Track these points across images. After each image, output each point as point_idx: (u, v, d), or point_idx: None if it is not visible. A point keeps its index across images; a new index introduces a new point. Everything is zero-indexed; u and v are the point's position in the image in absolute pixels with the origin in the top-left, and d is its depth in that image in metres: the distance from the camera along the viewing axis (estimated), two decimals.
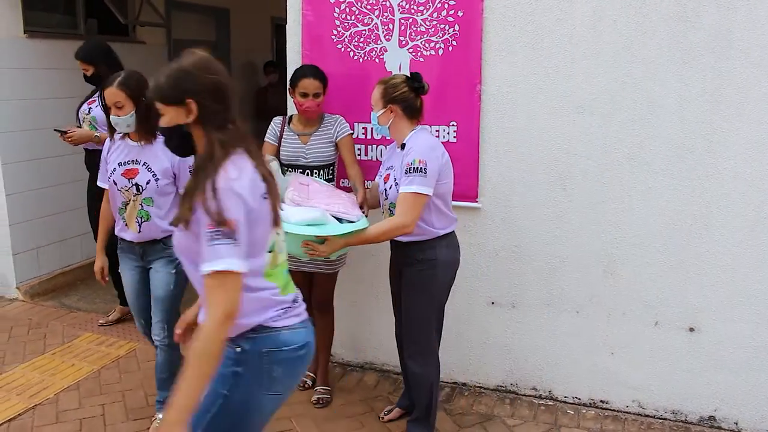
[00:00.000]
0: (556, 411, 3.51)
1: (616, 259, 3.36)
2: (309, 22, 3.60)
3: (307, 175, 3.27)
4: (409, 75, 2.91)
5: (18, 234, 4.74)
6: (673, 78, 3.14)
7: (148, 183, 2.97)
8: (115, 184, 3.02)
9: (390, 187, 2.86)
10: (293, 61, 3.66)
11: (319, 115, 3.38)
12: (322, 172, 3.35)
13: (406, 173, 2.72)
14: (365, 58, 3.52)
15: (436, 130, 3.42)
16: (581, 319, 3.47)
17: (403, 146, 2.86)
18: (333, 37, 3.56)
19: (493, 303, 3.60)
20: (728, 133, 3.11)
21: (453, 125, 3.40)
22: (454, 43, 3.38)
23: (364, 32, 3.51)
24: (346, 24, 3.53)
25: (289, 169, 3.32)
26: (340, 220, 2.76)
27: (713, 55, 3.07)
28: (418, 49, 3.44)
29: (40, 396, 3.56)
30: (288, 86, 3.35)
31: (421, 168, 2.70)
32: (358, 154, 3.57)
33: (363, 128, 3.58)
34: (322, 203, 2.78)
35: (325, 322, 3.52)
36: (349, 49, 3.54)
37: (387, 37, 3.49)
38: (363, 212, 2.93)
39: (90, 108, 4.23)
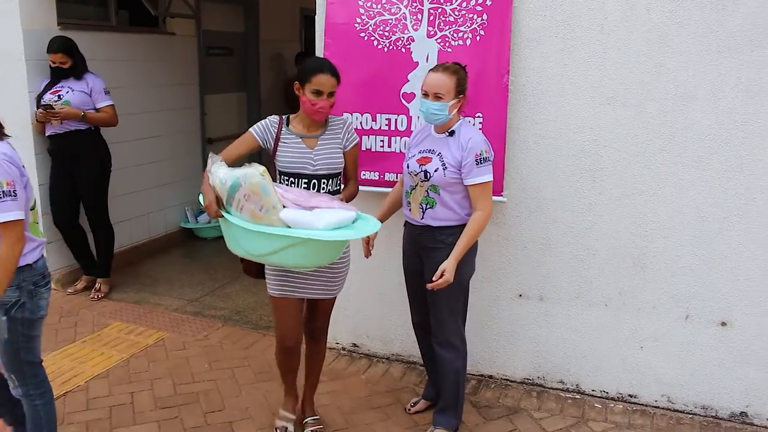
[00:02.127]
0: (584, 404, 3.47)
1: (647, 252, 3.30)
2: (332, 10, 3.59)
3: (314, 186, 2.84)
4: (460, 65, 2.95)
5: (50, 223, 4.81)
6: (708, 68, 3.07)
7: None
8: None
9: (436, 170, 2.88)
10: (321, 52, 3.66)
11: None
12: (330, 182, 2.89)
13: (477, 164, 2.84)
14: (390, 47, 3.49)
15: (473, 126, 3.38)
16: (610, 312, 3.42)
17: (451, 133, 2.90)
18: (356, 25, 3.54)
19: (520, 296, 3.57)
20: (764, 123, 3.03)
21: (479, 117, 3.36)
22: (482, 32, 3.33)
23: (390, 21, 3.48)
24: (371, 12, 3.51)
25: (290, 180, 2.84)
26: None
27: (750, 44, 2.99)
28: (447, 39, 3.41)
29: (71, 383, 3.62)
30: (296, 81, 2.82)
31: (488, 158, 2.88)
32: (381, 146, 3.56)
33: (386, 119, 3.54)
34: (323, 203, 2.59)
35: (318, 348, 3.19)
36: (373, 38, 3.51)
37: (415, 26, 3.46)
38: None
39: (59, 95, 4.55)
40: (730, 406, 3.30)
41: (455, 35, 3.39)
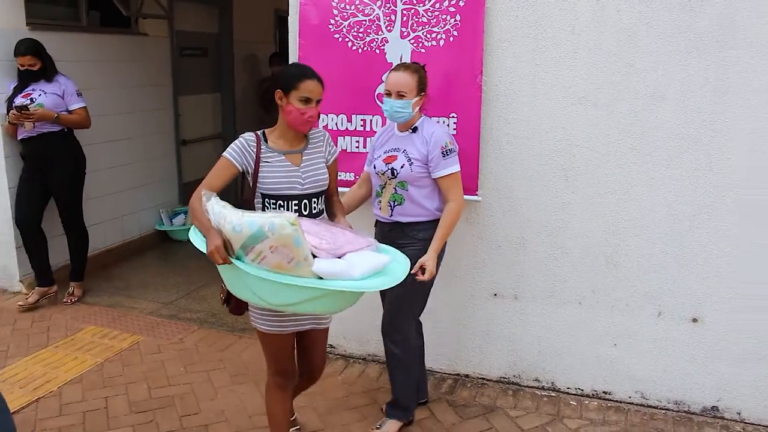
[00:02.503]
0: (559, 402, 3.50)
1: (619, 250, 3.34)
2: (306, 11, 3.58)
3: (304, 207, 2.55)
4: (420, 64, 3.02)
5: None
6: (676, 68, 3.11)
7: None
8: None
9: (402, 166, 2.93)
10: (295, 53, 3.65)
11: None
12: (319, 201, 2.62)
13: (443, 156, 2.90)
14: (364, 48, 3.50)
15: (436, 122, 3.39)
16: (584, 310, 3.46)
17: (414, 130, 2.97)
18: (330, 26, 3.54)
19: (495, 295, 3.59)
20: (732, 122, 3.08)
21: (453, 117, 3.38)
22: (456, 33, 3.35)
23: (364, 22, 3.49)
24: (344, 14, 3.51)
25: (278, 203, 2.52)
26: None
27: (717, 44, 3.04)
28: (420, 39, 3.42)
29: (44, 389, 3.57)
30: (278, 90, 2.49)
31: (453, 149, 2.94)
32: (356, 147, 3.57)
33: (362, 120, 3.55)
34: (349, 245, 2.37)
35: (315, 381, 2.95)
36: (347, 39, 3.52)
37: (389, 27, 3.46)
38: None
39: (31, 98, 4.46)
40: (702, 401, 3.36)
41: (429, 36, 3.40)
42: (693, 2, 3.04)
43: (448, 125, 3.37)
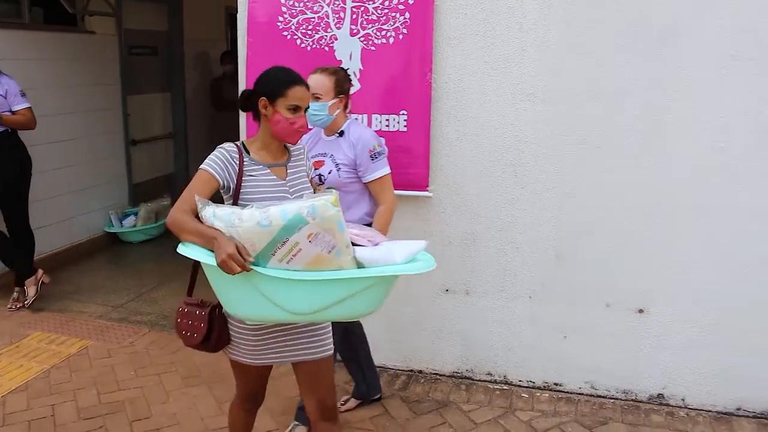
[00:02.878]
0: (511, 395, 3.55)
1: (567, 244, 3.40)
2: (254, 9, 3.55)
3: None
4: (340, 67, 2.97)
5: None
6: (621, 64, 3.18)
7: None
8: None
9: (329, 172, 2.90)
10: (244, 51, 3.61)
11: None
12: None
13: (372, 159, 2.87)
14: (314, 46, 3.48)
15: (386, 120, 3.41)
16: (534, 304, 3.51)
17: (341, 134, 2.92)
18: (279, 24, 3.51)
19: (447, 290, 3.62)
20: (676, 118, 3.16)
21: (403, 114, 3.39)
22: (405, 31, 3.36)
23: (313, 20, 3.47)
24: (293, 11, 3.49)
25: None
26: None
27: (659, 42, 3.12)
28: (370, 37, 3.42)
29: None
30: (262, 98, 2.22)
31: (381, 151, 2.90)
32: None
33: None
34: (380, 236, 2.25)
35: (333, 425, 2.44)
36: (296, 37, 3.50)
37: (338, 25, 3.46)
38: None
39: None
40: (648, 389, 3.44)
41: (378, 34, 3.41)
42: (639, 4, 3.11)
43: (398, 122, 3.38)
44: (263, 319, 2.14)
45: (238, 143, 2.28)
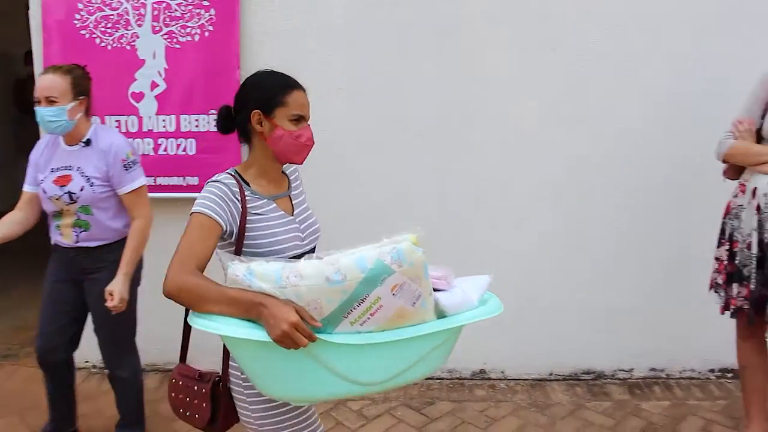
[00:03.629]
0: None
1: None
2: (48, 5, 3.32)
3: None
4: (77, 65, 2.65)
5: None
6: (426, 58, 3.33)
7: None
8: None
9: (81, 189, 2.58)
10: (39, 51, 3.36)
11: None
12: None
13: (126, 170, 2.60)
14: (114, 45, 3.31)
15: (196, 120, 3.32)
16: None
17: (87, 142, 2.61)
18: (76, 22, 3.30)
19: None
20: (477, 109, 3.36)
21: (213, 113, 3.31)
22: (211, 28, 3.29)
23: (112, 17, 3.30)
24: (90, 8, 3.30)
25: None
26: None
27: (464, 35, 3.29)
28: (174, 35, 3.31)
29: None
30: (255, 111, 1.76)
31: (135, 159, 2.65)
32: None
33: (116, 121, 3.37)
34: (451, 274, 1.81)
35: None
36: (95, 36, 3.32)
37: (139, 22, 3.31)
38: None
39: None
40: (470, 366, 3.63)
41: (183, 31, 3.30)
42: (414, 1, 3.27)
43: (208, 122, 3.31)
44: (322, 398, 1.78)
45: (233, 173, 1.77)
